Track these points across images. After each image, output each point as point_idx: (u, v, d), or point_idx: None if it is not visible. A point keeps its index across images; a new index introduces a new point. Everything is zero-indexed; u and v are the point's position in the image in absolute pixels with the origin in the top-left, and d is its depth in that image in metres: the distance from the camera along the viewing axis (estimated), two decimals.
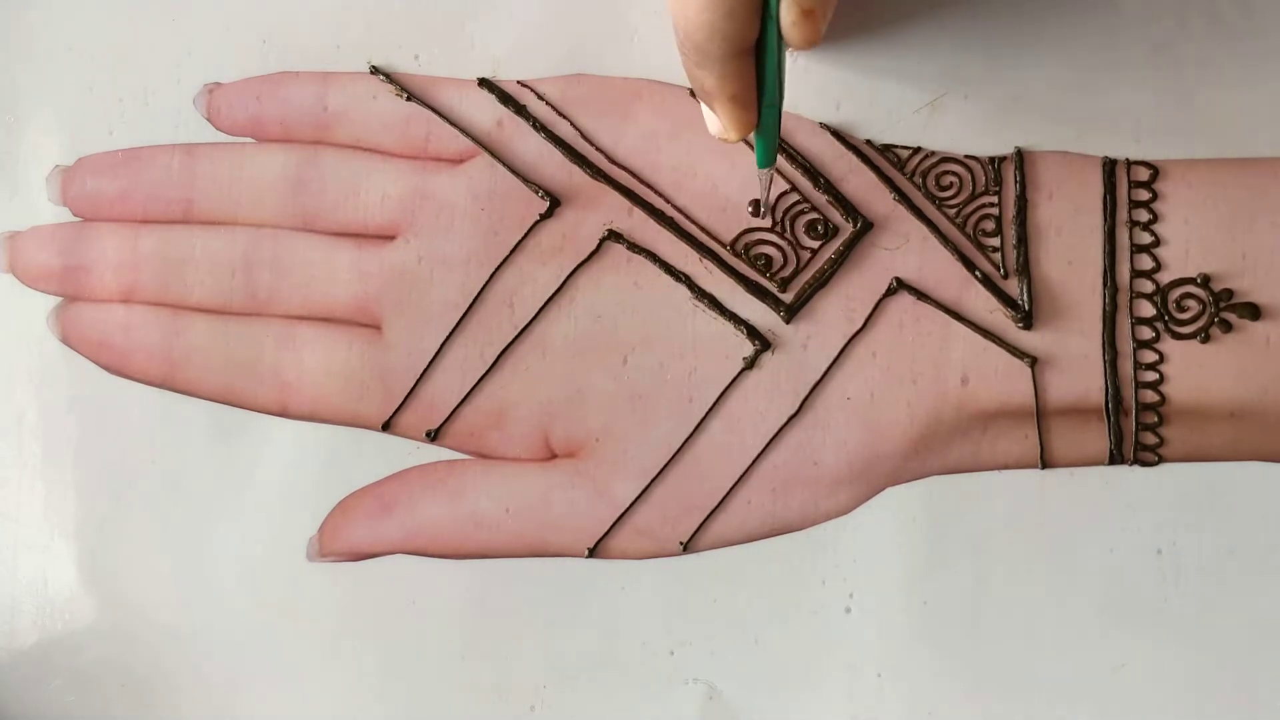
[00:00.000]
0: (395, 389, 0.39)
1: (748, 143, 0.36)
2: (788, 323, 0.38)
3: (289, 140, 0.40)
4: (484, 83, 0.39)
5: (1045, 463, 0.38)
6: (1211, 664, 0.37)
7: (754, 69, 0.31)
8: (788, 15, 0.29)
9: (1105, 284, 0.37)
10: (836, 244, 0.38)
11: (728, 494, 0.38)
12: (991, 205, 0.38)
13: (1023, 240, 0.37)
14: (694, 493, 0.38)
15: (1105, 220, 0.37)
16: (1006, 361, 0.37)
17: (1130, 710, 0.38)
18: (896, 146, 0.38)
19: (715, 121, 0.33)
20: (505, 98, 0.39)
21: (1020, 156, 0.38)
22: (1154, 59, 0.37)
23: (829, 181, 0.38)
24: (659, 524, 0.39)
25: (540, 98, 0.39)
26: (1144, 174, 0.37)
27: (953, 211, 0.38)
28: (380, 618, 0.39)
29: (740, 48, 0.30)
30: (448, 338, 0.39)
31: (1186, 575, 0.37)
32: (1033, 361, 0.37)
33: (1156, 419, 0.37)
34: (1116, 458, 0.37)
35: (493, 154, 0.39)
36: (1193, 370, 0.37)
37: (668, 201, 0.38)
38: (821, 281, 0.38)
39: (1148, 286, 0.37)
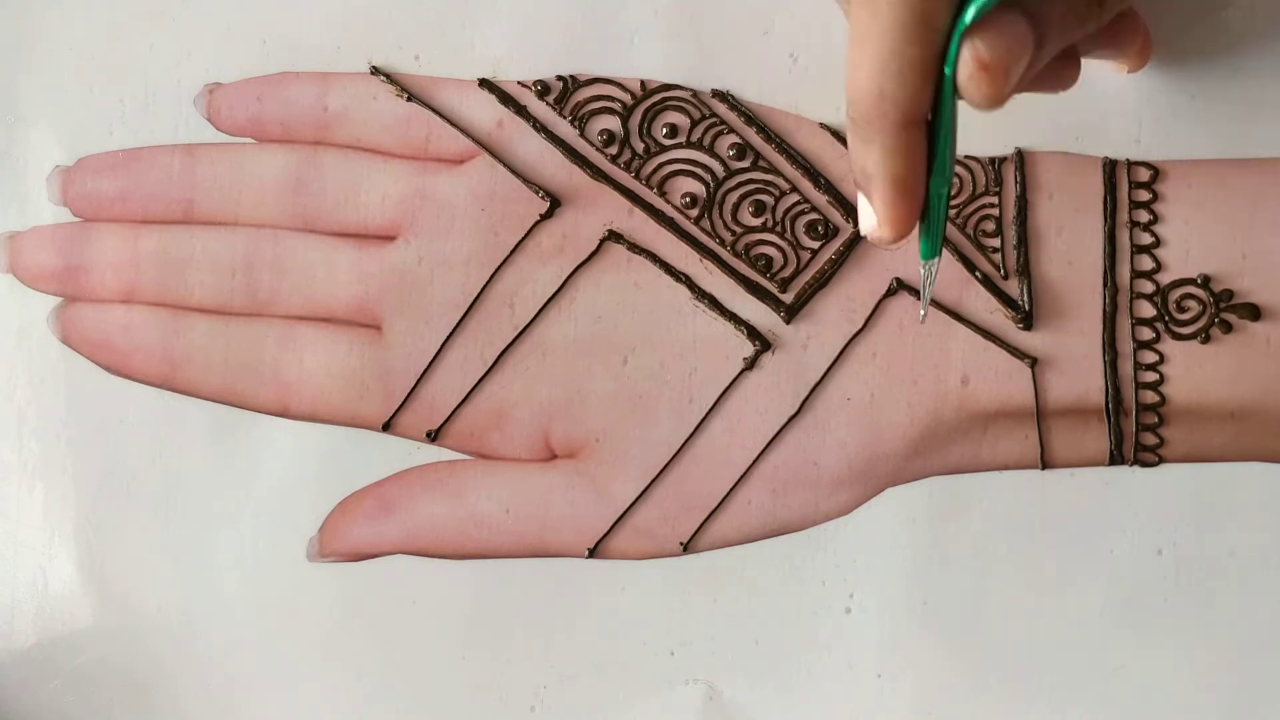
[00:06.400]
0: (395, 389, 0.39)
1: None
2: (788, 323, 0.38)
3: (289, 141, 0.39)
4: (484, 83, 0.39)
5: (1045, 463, 0.38)
6: (1211, 664, 0.37)
7: (923, 149, 0.27)
8: (964, 69, 0.26)
9: (1105, 284, 0.37)
10: (837, 244, 0.38)
11: (728, 494, 0.38)
12: (992, 206, 0.38)
13: (1023, 241, 0.37)
14: (694, 493, 0.38)
15: (1106, 221, 0.37)
16: (1007, 362, 0.37)
17: (1130, 710, 0.38)
18: None
19: (870, 217, 0.29)
20: (505, 98, 0.39)
21: (1020, 156, 0.38)
22: (1155, 58, 0.37)
23: (829, 182, 0.38)
24: (659, 524, 0.39)
25: (540, 98, 0.39)
26: (1144, 174, 0.37)
27: (953, 212, 0.38)
28: (380, 618, 0.39)
29: (910, 117, 0.26)
30: (448, 338, 0.39)
31: (1186, 575, 0.37)
32: (1033, 362, 0.37)
33: (1157, 419, 0.37)
34: (1117, 458, 0.37)
35: (493, 154, 0.39)
36: (1193, 371, 0.37)
37: (667, 201, 0.38)
38: (822, 282, 0.38)
39: (1148, 287, 0.37)
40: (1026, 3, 0.26)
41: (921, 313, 0.35)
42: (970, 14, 0.25)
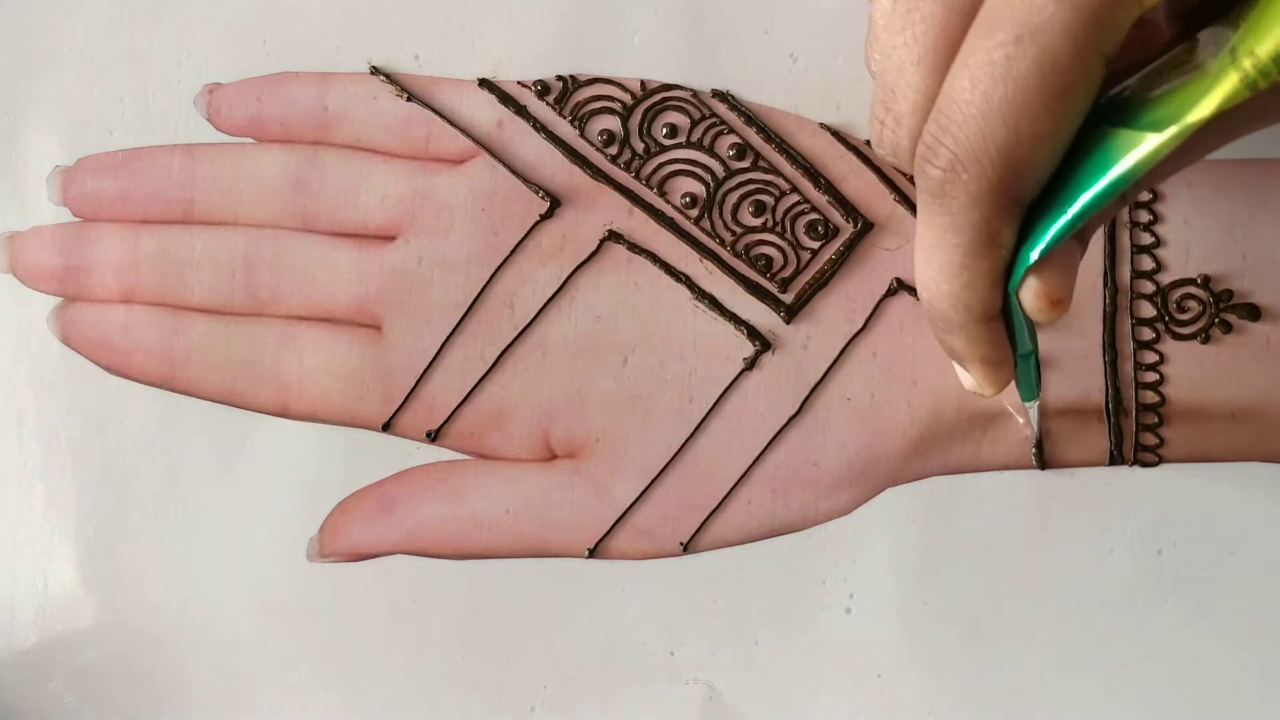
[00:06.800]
0: (395, 389, 0.39)
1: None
2: (788, 323, 0.38)
3: (289, 140, 0.40)
4: (484, 83, 0.39)
5: (1045, 463, 0.38)
6: (1211, 664, 0.37)
7: (1003, 330, 0.29)
8: (1032, 302, 0.27)
9: (1106, 284, 0.37)
10: (837, 244, 0.38)
11: (728, 494, 0.38)
12: None
13: None
14: (694, 493, 0.38)
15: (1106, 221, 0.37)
16: None
17: (1130, 710, 0.38)
18: None
19: (967, 378, 0.31)
20: (505, 98, 0.39)
21: None
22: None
23: (829, 182, 0.38)
24: (659, 524, 0.39)
25: (540, 98, 0.39)
26: None
27: None
28: (380, 618, 0.39)
29: (985, 315, 0.28)
30: (448, 338, 0.39)
31: (1186, 575, 0.37)
32: None
33: (1157, 419, 0.37)
34: (1116, 458, 0.37)
35: (493, 154, 0.39)
36: (1193, 371, 0.37)
37: (667, 201, 0.38)
38: (822, 282, 0.38)
39: (1148, 287, 0.37)
40: None
41: (1033, 440, 0.37)
42: (1035, 255, 0.26)
